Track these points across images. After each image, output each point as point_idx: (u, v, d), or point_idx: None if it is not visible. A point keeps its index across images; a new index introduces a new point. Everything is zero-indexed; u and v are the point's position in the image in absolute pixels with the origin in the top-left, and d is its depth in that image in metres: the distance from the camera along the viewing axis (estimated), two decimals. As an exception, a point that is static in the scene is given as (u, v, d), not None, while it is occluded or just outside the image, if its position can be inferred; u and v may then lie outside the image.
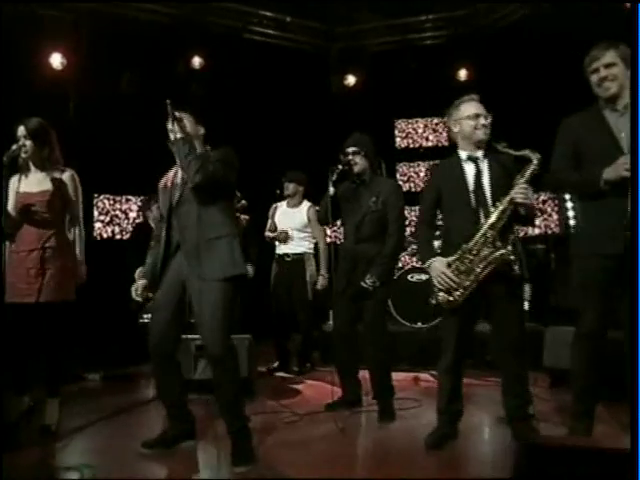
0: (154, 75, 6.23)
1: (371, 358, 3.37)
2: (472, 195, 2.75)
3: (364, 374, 3.51)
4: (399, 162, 7.11)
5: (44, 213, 3.05)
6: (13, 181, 3.16)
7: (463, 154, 2.84)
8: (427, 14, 6.62)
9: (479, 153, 2.81)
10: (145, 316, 5.62)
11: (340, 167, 3.35)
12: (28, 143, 3.05)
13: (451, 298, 2.74)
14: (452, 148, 6.92)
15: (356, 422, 3.28)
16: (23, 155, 3.05)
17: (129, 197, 6.27)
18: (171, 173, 2.86)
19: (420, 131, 7.07)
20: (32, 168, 3.13)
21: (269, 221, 4.90)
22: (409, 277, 5.26)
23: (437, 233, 5.65)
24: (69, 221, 3.19)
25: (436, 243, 5.55)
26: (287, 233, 4.70)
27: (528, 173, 2.64)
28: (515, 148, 2.73)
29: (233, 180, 2.74)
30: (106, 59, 5.81)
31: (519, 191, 2.61)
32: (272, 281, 4.79)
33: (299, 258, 4.70)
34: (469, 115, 2.82)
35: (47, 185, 3.09)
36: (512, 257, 2.64)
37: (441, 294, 2.76)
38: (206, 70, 6.38)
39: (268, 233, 4.86)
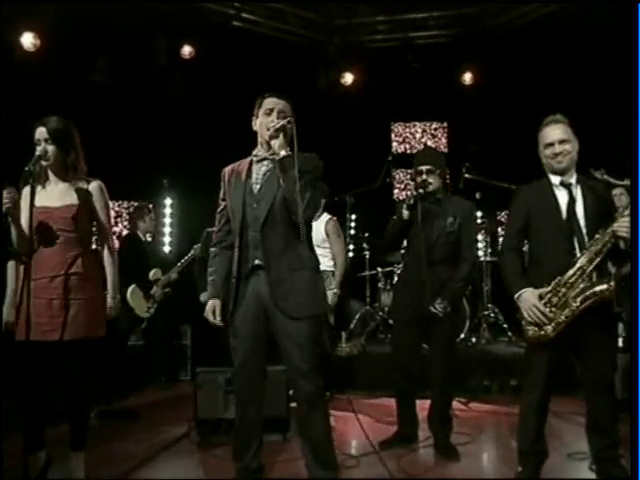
0: (133, 63, 5.90)
1: (438, 387, 3.33)
2: (566, 224, 2.70)
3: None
4: (396, 168, 7.06)
5: (69, 232, 2.73)
6: (26, 193, 2.80)
7: (555, 179, 2.76)
8: (431, 11, 6.60)
9: (572, 179, 2.76)
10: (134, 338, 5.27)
11: (417, 192, 3.25)
12: (50, 148, 2.72)
13: (542, 332, 2.67)
14: (451, 155, 6.98)
15: (420, 463, 3.17)
16: (44, 163, 2.71)
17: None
18: (241, 167, 2.65)
19: (418, 136, 7.05)
20: (52, 177, 2.79)
21: None
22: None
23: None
24: (96, 241, 2.89)
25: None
26: None
27: None
28: (614, 175, 2.69)
29: None
30: (82, 43, 5.42)
31: (623, 224, 2.56)
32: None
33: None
34: (544, 143, 2.77)
35: (72, 198, 2.77)
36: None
37: (531, 328, 2.69)
38: (191, 58, 6.10)
39: None
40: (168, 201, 6.31)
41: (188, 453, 3.33)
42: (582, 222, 2.70)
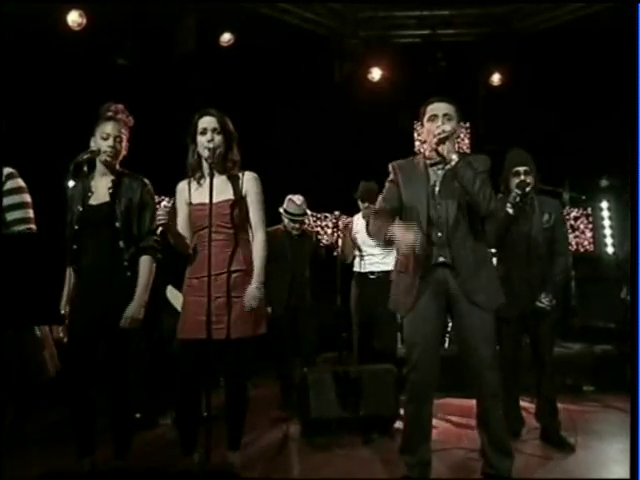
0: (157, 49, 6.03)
1: (546, 381, 3.73)
2: None
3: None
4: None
5: (227, 228, 2.88)
6: (182, 189, 3.00)
7: None
8: (460, 8, 7.08)
9: None
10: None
11: (519, 192, 3.68)
12: (218, 139, 2.87)
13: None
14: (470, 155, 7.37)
15: (540, 454, 3.55)
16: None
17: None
18: (417, 168, 2.93)
19: (441, 136, 7.46)
20: (208, 171, 2.86)
21: (343, 239, 4.97)
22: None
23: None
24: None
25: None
26: None
27: None
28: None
29: None
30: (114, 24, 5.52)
31: None
32: (353, 304, 4.88)
33: (385, 277, 4.79)
34: None
35: (228, 192, 2.92)
36: None
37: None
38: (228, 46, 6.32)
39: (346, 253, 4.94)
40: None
41: (308, 454, 3.54)
42: None
